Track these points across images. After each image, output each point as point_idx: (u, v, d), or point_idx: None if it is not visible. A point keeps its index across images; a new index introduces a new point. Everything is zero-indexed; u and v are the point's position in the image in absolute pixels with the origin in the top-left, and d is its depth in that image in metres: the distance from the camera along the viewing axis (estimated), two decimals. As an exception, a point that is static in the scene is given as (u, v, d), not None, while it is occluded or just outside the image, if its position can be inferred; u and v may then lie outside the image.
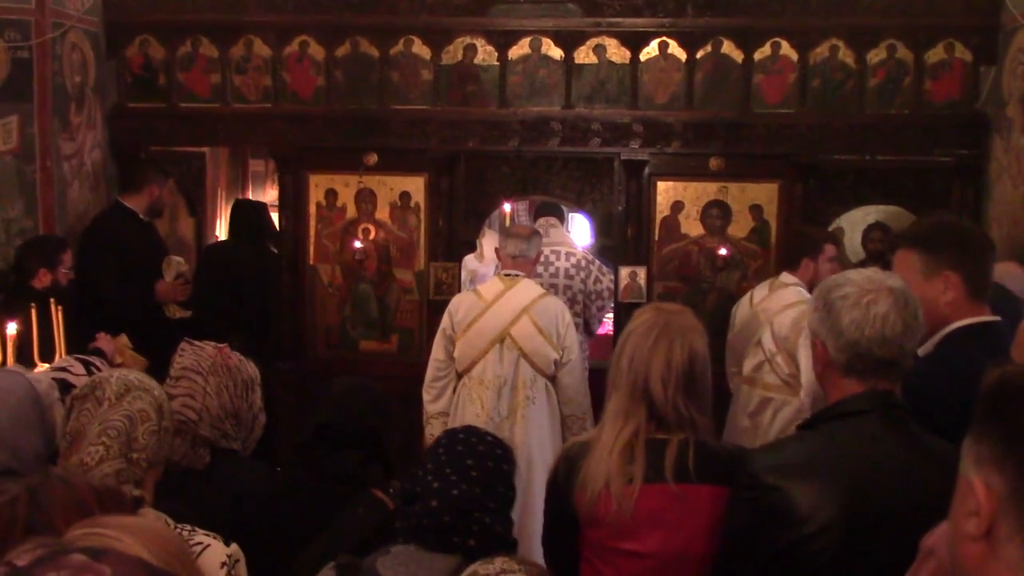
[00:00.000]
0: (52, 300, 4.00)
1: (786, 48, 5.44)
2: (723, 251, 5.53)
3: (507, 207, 6.95)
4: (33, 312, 3.86)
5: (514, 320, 4.46)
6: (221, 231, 6.92)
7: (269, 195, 7.72)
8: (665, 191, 5.61)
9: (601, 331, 5.99)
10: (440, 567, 1.94)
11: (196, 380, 2.60)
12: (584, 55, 5.54)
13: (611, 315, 5.84)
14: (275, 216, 6.10)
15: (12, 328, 3.73)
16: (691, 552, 2.28)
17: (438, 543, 1.97)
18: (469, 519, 1.97)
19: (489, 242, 6.47)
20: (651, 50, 5.51)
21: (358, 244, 5.68)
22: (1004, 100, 5.13)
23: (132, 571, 0.90)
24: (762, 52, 5.46)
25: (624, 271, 5.59)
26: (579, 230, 8.06)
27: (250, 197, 7.40)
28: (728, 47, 5.47)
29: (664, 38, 5.48)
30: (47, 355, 3.80)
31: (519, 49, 5.56)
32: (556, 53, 5.54)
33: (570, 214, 6.97)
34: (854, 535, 1.92)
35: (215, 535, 2.01)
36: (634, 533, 2.28)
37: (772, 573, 2.01)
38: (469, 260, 6.24)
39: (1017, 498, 1.04)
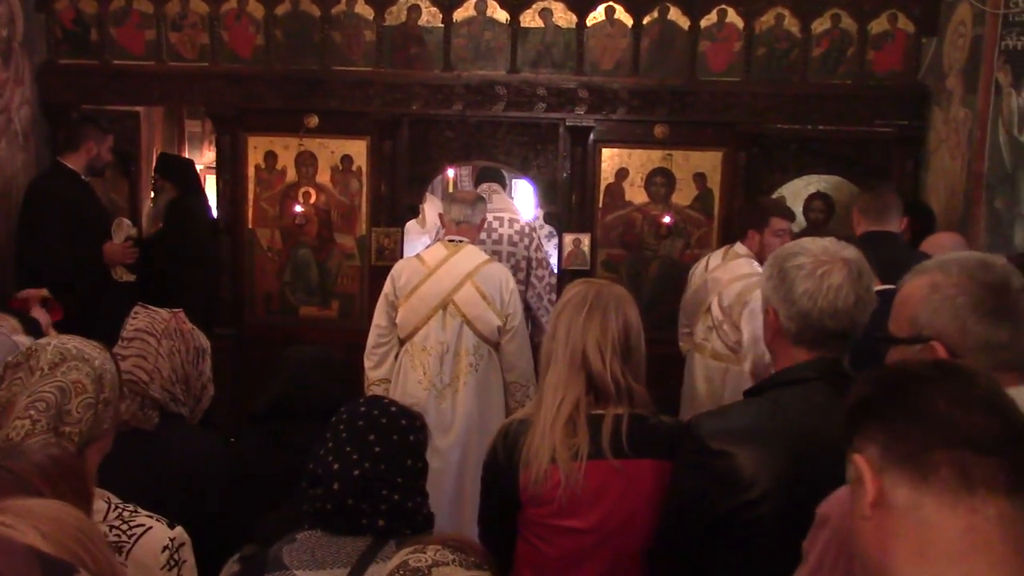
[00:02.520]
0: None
1: (732, 16, 5.43)
2: (667, 219, 5.54)
3: (450, 172, 6.89)
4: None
5: (458, 286, 4.42)
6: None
7: (206, 156, 7.54)
8: (610, 158, 5.60)
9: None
10: (348, 551, 1.86)
11: (149, 342, 2.57)
12: (530, 19, 5.47)
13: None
14: (212, 179, 5.97)
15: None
16: (631, 527, 2.28)
17: (345, 526, 1.88)
18: (376, 498, 1.88)
19: (431, 208, 6.40)
20: (597, 15, 5.46)
21: (298, 208, 5.58)
22: (944, 72, 5.19)
23: (22, 561, 0.85)
24: (708, 19, 5.44)
25: (568, 238, 5.58)
26: (522, 196, 8.01)
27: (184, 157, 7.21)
28: (674, 14, 5.44)
29: (611, 3, 5.44)
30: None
31: (464, 11, 5.47)
32: (502, 16, 5.47)
33: (512, 180, 6.92)
34: (796, 501, 1.92)
35: (159, 517, 1.92)
36: (576, 510, 2.27)
37: (715, 538, 2.01)
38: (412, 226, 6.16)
39: (889, 451, 1.20)
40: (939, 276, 1.80)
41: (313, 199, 5.63)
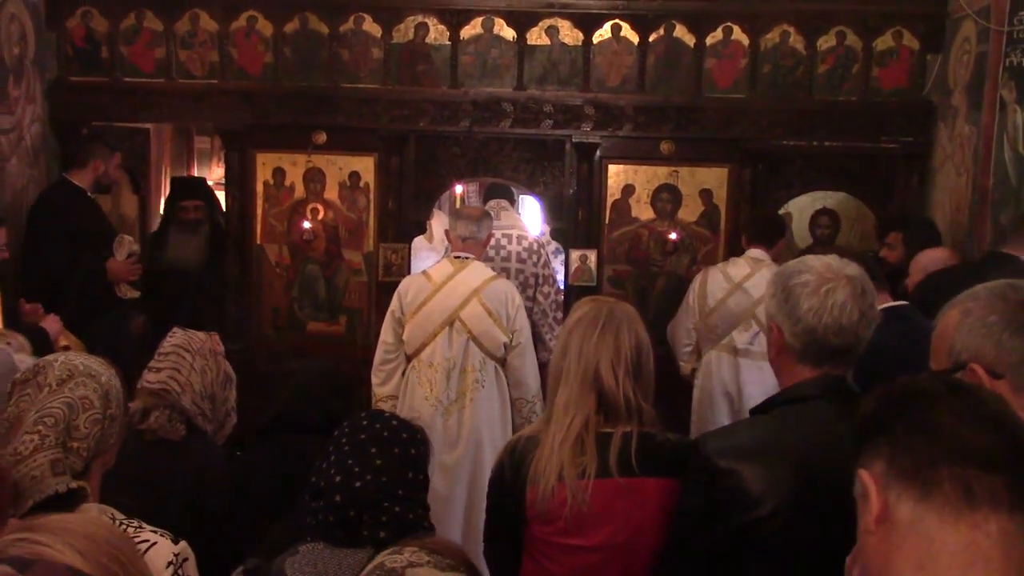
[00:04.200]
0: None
1: (738, 33, 5.46)
2: (673, 235, 5.56)
3: (458, 188, 6.90)
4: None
5: (464, 303, 4.42)
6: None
7: (215, 173, 7.57)
8: (616, 174, 5.62)
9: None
10: (350, 563, 1.85)
11: (184, 356, 2.73)
12: (537, 36, 5.51)
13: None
14: (221, 195, 5.97)
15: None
16: (637, 545, 2.27)
17: (347, 539, 1.89)
18: (377, 510, 1.89)
19: (439, 224, 6.42)
20: (604, 32, 5.50)
21: (306, 224, 5.61)
22: (949, 88, 5.21)
23: None
24: (714, 36, 5.48)
25: (574, 254, 5.59)
26: (530, 213, 8.03)
27: (196, 175, 7.24)
28: (680, 31, 5.48)
29: (617, 20, 5.48)
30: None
31: (471, 29, 5.51)
32: (508, 34, 5.51)
33: (520, 196, 6.93)
34: (803, 519, 1.93)
35: (164, 532, 1.92)
36: (582, 528, 2.27)
37: (722, 555, 2.01)
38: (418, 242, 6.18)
39: (894, 466, 1.21)
40: (969, 303, 1.83)
41: (321, 215, 5.66)
